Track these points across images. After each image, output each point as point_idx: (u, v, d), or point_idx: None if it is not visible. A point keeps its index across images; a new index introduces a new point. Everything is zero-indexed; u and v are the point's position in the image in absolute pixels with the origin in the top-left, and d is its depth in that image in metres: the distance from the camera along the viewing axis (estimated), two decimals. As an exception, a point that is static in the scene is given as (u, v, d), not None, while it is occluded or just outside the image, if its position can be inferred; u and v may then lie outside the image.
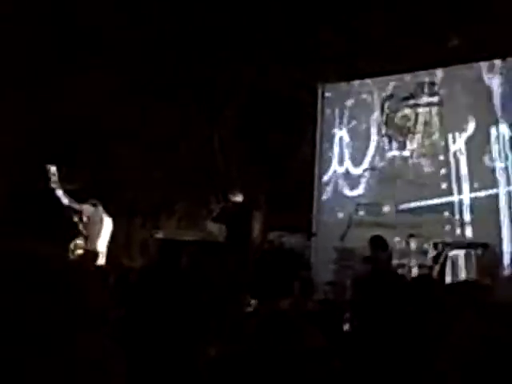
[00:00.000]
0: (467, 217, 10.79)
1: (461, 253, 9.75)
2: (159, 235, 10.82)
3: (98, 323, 2.37)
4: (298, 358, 3.03)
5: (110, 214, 12.92)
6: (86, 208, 11.13)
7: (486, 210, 10.51)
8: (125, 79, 12.89)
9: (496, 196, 10.46)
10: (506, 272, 9.39)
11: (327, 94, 12.41)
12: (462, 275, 9.34)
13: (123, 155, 13.25)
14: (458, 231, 10.85)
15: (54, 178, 10.43)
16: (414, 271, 9.87)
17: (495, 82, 10.66)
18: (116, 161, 13.26)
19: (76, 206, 10.78)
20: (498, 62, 10.68)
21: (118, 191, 13.44)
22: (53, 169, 10.51)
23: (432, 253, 10.06)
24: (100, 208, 11.22)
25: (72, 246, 14.14)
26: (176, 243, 9.36)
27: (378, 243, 9.51)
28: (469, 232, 10.75)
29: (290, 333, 3.26)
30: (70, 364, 2.25)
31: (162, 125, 13.30)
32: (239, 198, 11.10)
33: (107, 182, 13.42)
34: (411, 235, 10.81)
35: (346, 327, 6.44)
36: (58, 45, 12.71)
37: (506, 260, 9.87)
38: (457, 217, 10.87)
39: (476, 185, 10.70)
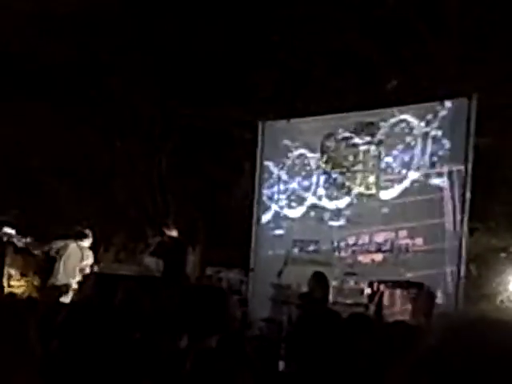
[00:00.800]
0: (405, 256, 10.90)
1: (396, 292, 9.83)
2: (95, 269, 10.68)
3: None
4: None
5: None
6: (55, 243, 11.13)
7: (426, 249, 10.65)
8: (59, 111, 12.79)
9: (436, 235, 10.59)
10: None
11: (267, 132, 12.45)
12: (397, 315, 9.39)
13: (58, 190, 13.10)
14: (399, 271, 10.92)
15: None
16: (350, 310, 9.90)
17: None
18: (51, 195, 13.10)
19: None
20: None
21: (53, 224, 13.25)
22: None
23: (368, 291, 10.12)
24: (80, 242, 11.12)
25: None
26: (111, 277, 9.24)
27: (319, 280, 9.57)
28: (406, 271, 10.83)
29: (219, 373, 3.23)
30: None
31: (99, 159, 13.21)
32: (174, 233, 11.07)
33: (42, 214, 13.23)
34: (347, 273, 10.89)
35: (281, 365, 6.41)
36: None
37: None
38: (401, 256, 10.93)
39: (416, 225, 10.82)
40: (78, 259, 11.05)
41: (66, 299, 10.14)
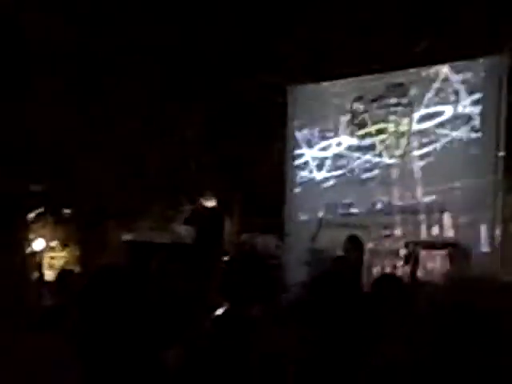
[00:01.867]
0: (440, 216, 10.87)
1: (432, 253, 9.83)
2: (129, 237, 10.80)
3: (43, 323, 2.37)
4: (258, 362, 3.04)
5: (85, 217, 12.90)
6: None
7: (459, 209, 10.61)
8: (92, 82, 12.87)
9: (471, 194, 10.53)
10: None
11: (297, 96, 12.44)
12: (433, 275, 9.40)
13: (94, 158, 13.23)
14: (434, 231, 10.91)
15: None
16: (385, 271, 9.94)
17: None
18: (87, 163, 13.24)
19: None
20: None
21: (91, 195, 13.42)
22: None
23: (403, 253, 10.12)
24: None
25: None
26: (145, 245, 9.37)
27: (354, 243, 9.60)
28: (442, 231, 10.82)
29: (255, 337, 3.28)
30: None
31: (132, 127, 13.29)
32: (211, 203, 11.11)
33: (78, 183, 13.40)
34: (383, 235, 10.90)
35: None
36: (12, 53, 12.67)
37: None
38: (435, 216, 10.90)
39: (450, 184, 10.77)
40: None
41: None
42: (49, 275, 12.12)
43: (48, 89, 12.75)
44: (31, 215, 13.99)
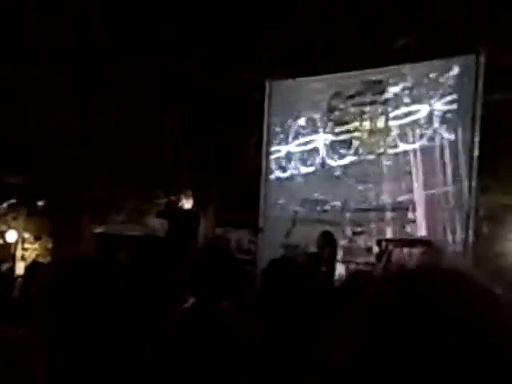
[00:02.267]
0: (413, 215, 10.92)
1: (405, 250, 9.86)
2: (100, 230, 10.74)
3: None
4: (230, 355, 3.03)
5: (58, 208, 12.80)
6: None
7: (434, 208, 10.66)
8: (68, 73, 12.77)
9: (445, 194, 10.59)
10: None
11: (274, 91, 12.44)
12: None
13: (69, 149, 13.14)
14: (407, 229, 10.97)
15: None
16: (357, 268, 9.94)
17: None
18: (61, 155, 13.14)
19: None
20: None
21: (65, 187, 13.33)
22: None
23: (376, 250, 10.15)
24: None
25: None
26: (116, 238, 9.33)
27: (327, 239, 9.61)
28: (415, 230, 10.87)
29: (226, 329, 3.26)
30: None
31: (109, 120, 13.22)
32: (186, 197, 11.04)
33: (52, 176, 13.30)
34: (356, 232, 10.92)
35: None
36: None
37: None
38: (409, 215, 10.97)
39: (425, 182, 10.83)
40: None
41: None
42: (21, 267, 12.04)
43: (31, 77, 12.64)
44: (3, 206, 13.87)
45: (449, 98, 10.61)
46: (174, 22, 12.85)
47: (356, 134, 11.60)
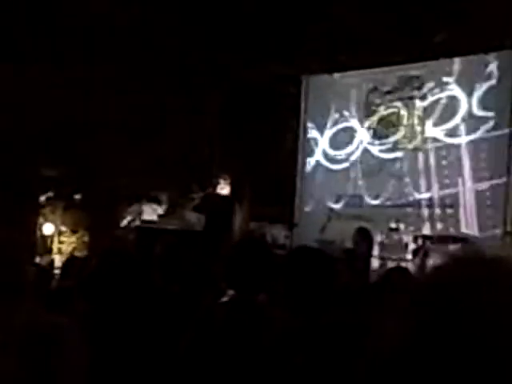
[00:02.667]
0: (447, 211, 10.85)
1: (441, 247, 9.77)
2: (137, 223, 10.79)
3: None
4: (265, 348, 3.02)
5: (95, 201, 12.91)
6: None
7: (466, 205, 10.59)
8: (106, 67, 12.83)
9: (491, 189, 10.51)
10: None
11: (311, 86, 12.41)
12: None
13: (106, 143, 13.22)
14: (440, 225, 10.90)
15: None
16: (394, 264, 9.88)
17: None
18: (99, 149, 13.23)
19: None
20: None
21: (102, 179, 13.43)
22: None
23: (412, 246, 10.08)
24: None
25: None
26: (154, 231, 9.37)
27: (363, 235, 9.56)
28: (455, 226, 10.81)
29: (262, 322, 3.26)
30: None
31: (146, 113, 13.27)
32: (222, 191, 11.04)
33: (90, 169, 13.41)
34: (392, 229, 10.84)
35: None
36: (32, 31, 12.64)
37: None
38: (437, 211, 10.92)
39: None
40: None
41: None
42: (58, 260, 12.16)
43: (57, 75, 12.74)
44: (42, 199, 14.02)
45: (488, 94, 10.50)
46: (214, 13, 12.85)
47: (394, 129, 11.52)
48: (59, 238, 14.49)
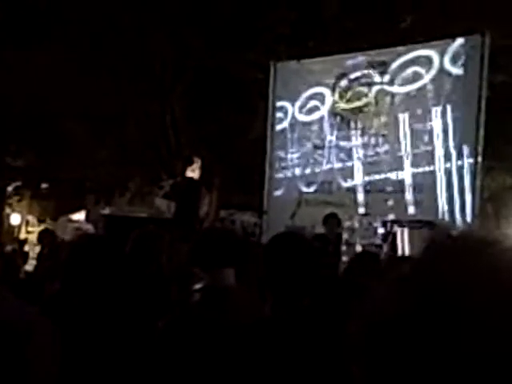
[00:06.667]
0: (412, 195, 10.93)
1: (410, 231, 9.84)
2: (106, 212, 10.73)
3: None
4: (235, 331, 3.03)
5: (61, 190, 12.78)
6: None
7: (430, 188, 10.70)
8: (73, 56, 12.72)
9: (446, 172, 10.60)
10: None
11: (279, 72, 12.39)
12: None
13: (73, 133, 13.11)
14: (408, 209, 10.98)
15: None
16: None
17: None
18: (63, 138, 13.13)
19: None
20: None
21: (69, 170, 13.33)
22: None
23: (381, 231, 10.13)
24: None
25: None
26: (122, 219, 9.32)
27: (333, 221, 9.60)
28: (412, 210, 10.90)
29: (232, 305, 3.27)
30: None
31: (112, 102, 13.17)
32: (191, 178, 10.98)
33: (57, 159, 13.29)
34: (361, 214, 10.90)
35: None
36: (6, 21, 12.50)
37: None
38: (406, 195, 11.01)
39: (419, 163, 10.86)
40: None
41: None
42: (25, 249, 12.06)
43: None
44: (8, 190, 13.89)
45: (455, 78, 10.59)
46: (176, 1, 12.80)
47: (362, 114, 11.56)
48: (26, 228, 14.38)
